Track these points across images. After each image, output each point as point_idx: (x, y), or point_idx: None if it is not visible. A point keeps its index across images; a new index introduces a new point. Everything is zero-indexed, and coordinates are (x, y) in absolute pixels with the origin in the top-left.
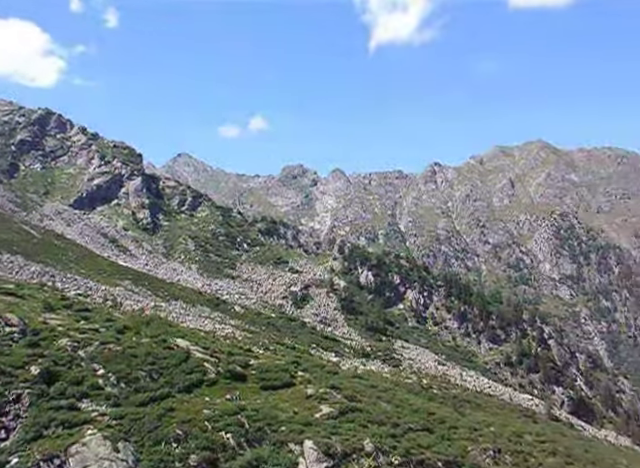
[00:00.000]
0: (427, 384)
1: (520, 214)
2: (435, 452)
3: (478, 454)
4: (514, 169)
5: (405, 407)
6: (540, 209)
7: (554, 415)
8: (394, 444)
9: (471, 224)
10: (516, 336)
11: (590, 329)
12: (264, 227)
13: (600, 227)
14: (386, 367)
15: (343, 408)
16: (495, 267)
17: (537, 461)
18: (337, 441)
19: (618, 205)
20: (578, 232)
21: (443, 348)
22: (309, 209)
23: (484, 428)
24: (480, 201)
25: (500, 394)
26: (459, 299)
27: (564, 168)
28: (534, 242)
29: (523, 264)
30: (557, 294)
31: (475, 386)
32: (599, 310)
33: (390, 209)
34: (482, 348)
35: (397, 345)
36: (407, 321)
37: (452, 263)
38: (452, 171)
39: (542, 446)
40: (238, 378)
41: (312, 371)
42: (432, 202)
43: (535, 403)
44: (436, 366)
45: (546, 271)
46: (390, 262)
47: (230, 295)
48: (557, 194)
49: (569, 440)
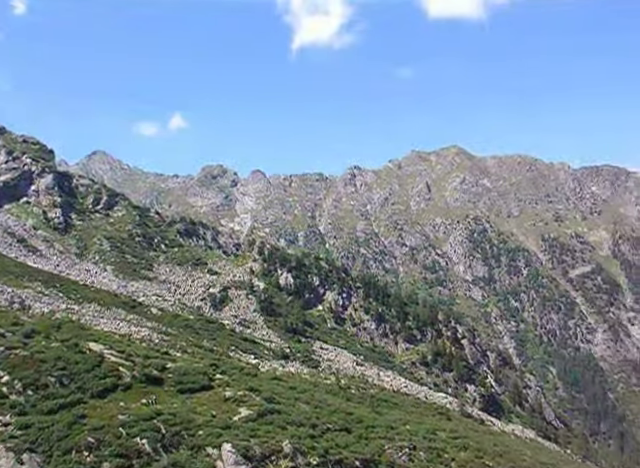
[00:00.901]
0: (345, 384)
1: (436, 217)
2: (353, 451)
3: (394, 452)
4: (431, 174)
5: (324, 408)
6: (455, 213)
7: (466, 412)
8: (313, 445)
9: (389, 227)
10: (431, 336)
11: (500, 328)
12: (183, 228)
13: (510, 231)
14: (305, 368)
15: (262, 410)
16: (412, 269)
17: (450, 456)
18: (256, 443)
19: (527, 210)
20: (490, 236)
21: (361, 349)
22: (229, 210)
23: (400, 426)
24: (398, 204)
25: (416, 393)
26: (377, 300)
27: (478, 174)
28: (449, 245)
29: (438, 266)
30: (470, 295)
31: (392, 385)
32: (509, 310)
33: (310, 211)
34: (399, 348)
35: (316, 346)
36: (326, 322)
37: (370, 265)
38: (371, 174)
39: (455, 442)
40: (154, 382)
41: (231, 374)
42: (351, 205)
43: (449, 401)
44: (354, 366)
45: (460, 273)
46: (310, 264)
47: (147, 297)
48: (471, 199)
49: (480, 435)
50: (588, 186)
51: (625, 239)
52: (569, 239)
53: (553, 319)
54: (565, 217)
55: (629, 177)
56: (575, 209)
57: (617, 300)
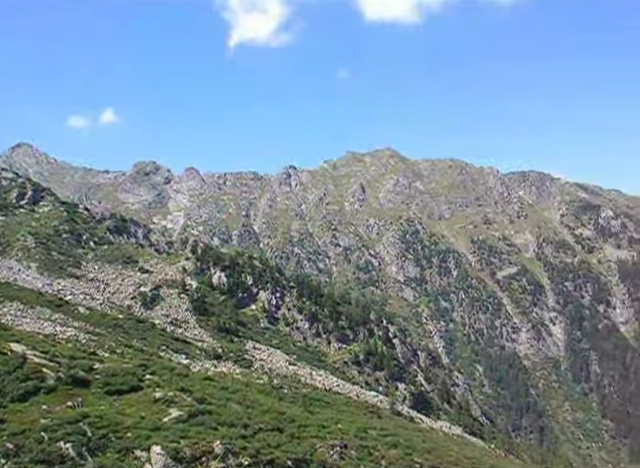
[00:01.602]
0: (278, 384)
1: (370, 218)
2: (285, 451)
3: (326, 451)
4: (365, 175)
5: (256, 408)
6: (388, 214)
7: (397, 410)
8: (244, 445)
9: (323, 227)
10: (364, 336)
11: (430, 328)
12: (113, 225)
13: (441, 233)
14: (238, 368)
15: (193, 411)
16: (345, 269)
17: (380, 454)
18: (186, 445)
19: (457, 213)
20: (422, 237)
21: (294, 348)
22: (161, 208)
23: (332, 425)
24: (332, 205)
25: (348, 392)
26: (310, 300)
27: (411, 176)
28: (382, 246)
29: (371, 266)
30: (402, 295)
31: (324, 385)
32: (439, 310)
33: (244, 210)
34: (332, 348)
35: (249, 346)
36: (259, 322)
37: (304, 265)
38: (306, 174)
39: (385, 440)
40: (81, 384)
41: (161, 374)
42: (286, 204)
43: (380, 399)
44: (287, 366)
45: (392, 273)
46: (243, 263)
47: (74, 296)
48: (404, 200)
49: (409, 432)
50: (515, 191)
51: (548, 242)
52: (497, 241)
53: (481, 319)
54: (493, 220)
55: (553, 183)
56: (503, 212)
57: (540, 301)
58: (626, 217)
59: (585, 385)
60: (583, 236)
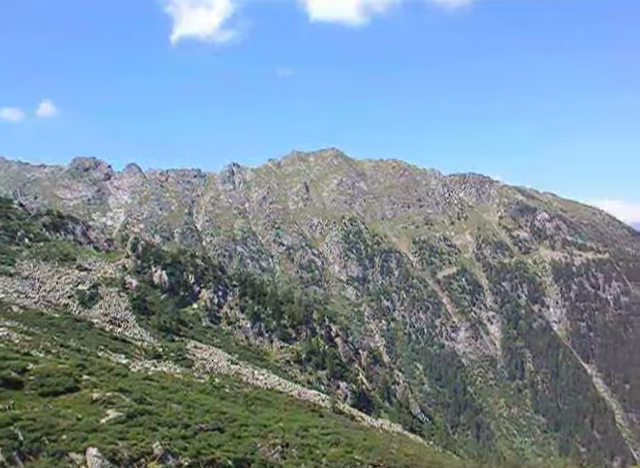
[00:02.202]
0: (219, 383)
1: (313, 218)
2: (225, 451)
3: (267, 450)
4: (309, 174)
5: (197, 407)
6: (331, 214)
7: (338, 408)
8: (184, 445)
9: (267, 226)
10: (306, 334)
11: (372, 327)
12: (49, 221)
13: (384, 233)
14: (178, 368)
15: (131, 412)
16: (288, 268)
17: (321, 452)
18: (124, 446)
19: (400, 213)
20: (365, 237)
21: (236, 347)
22: (101, 204)
23: (273, 424)
24: (276, 203)
25: (290, 391)
26: (253, 299)
27: (354, 176)
28: (325, 245)
29: (314, 266)
30: (344, 294)
31: (266, 384)
32: (380, 309)
33: (187, 207)
34: (274, 347)
35: (190, 345)
36: (201, 321)
37: (247, 263)
38: (250, 173)
39: (326, 438)
40: (13, 385)
41: (99, 374)
42: (230, 202)
43: (322, 398)
44: (229, 365)
45: (335, 273)
46: (185, 261)
47: (7, 294)
48: (347, 200)
49: (350, 430)
50: (456, 192)
51: (487, 243)
52: (438, 242)
53: (421, 318)
54: (434, 221)
55: (492, 185)
56: (444, 214)
57: (478, 300)
58: (560, 220)
59: (520, 382)
60: (520, 238)
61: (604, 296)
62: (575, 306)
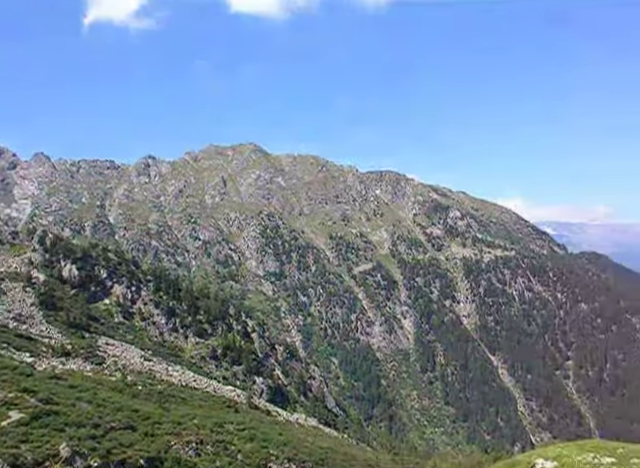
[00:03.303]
0: (132, 381)
1: (231, 212)
2: (137, 450)
3: (181, 447)
4: (227, 168)
5: (107, 406)
6: (249, 209)
7: (254, 404)
8: (94, 446)
9: (183, 220)
10: (222, 330)
11: (289, 322)
12: None
13: (301, 228)
14: (88, 365)
15: (36, 412)
16: (205, 263)
17: (237, 448)
18: (27, 449)
19: (317, 209)
20: (282, 232)
21: (150, 344)
22: (5, 194)
23: (188, 421)
24: (193, 197)
25: (205, 387)
26: (168, 294)
27: (272, 171)
28: (242, 240)
29: (231, 261)
30: (261, 290)
31: (181, 380)
32: (297, 305)
33: (99, 200)
34: (189, 342)
35: (101, 342)
36: (113, 317)
37: (162, 258)
38: (166, 165)
39: (242, 434)
40: None
41: (1, 374)
42: (144, 195)
43: (237, 394)
44: (142, 362)
45: (252, 268)
46: (97, 255)
47: None
48: (265, 195)
49: (266, 426)
50: (372, 190)
51: (402, 240)
52: (354, 238)
53: (337, 313)
54: (351, 217)
55: (407, 183)
56: (360, 210)
57: (393, 295)
58: (471, 218)
59: (431, 374)
60: (433, 235)
61: (510, 291)
62: (484, 301)
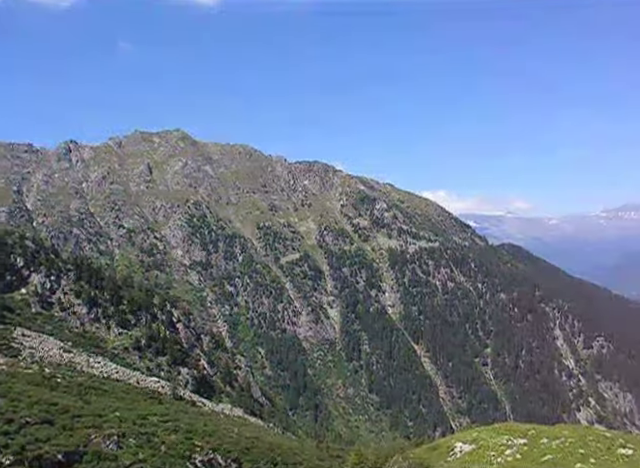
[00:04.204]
0: (50, 373)
1: (156, 200)
2: (55, 445)
3: (102, 441)
4: (153, 156)
5: (23, 400)
6: (176, 197)
7: (179, 395)
8: (6, 442)
9: (106, 207)
10: (146, 320)
11: (215, 312)
12: None
13: (228, 218)
14: (2, 358)
15: None
16: (129, 251)
17: (160, 440)
18: None
19: (245, 198)
20: (209, 221)
21: (70, 335)
22: None
23: (109, 414)
24: (117, 184)
25: (128, 378)
26: (89, 284)
27: (200, 159)
28: (168, 228)
29: (157, 249)
30: (187, 279)
31: (102, 372)
32: (223, 294)
33: (16, 185)
34: (112, 333)
35: (17, 333)
36: (30, 307)
37: (84, 246)
38: (89, 151)
39: (166, 425)
40: None
41: None
42: (65, 181)
43: (162, 385)
44: (61, 354)
45: (178, 257)
46: (13, 243)
47: None
48: (192, 183)
49: (191, 416)
50: (301, 180)
51: (329, 230)
52: (282, 228)
53: (264, 303)
54: (279, 207)
55: (335, 174)
56: (288, 200)
57: (320, 286)
58: (397, 210)
59: (356, 363)
60: (360, 226)
61: (433, 282)
62: (408, 291)
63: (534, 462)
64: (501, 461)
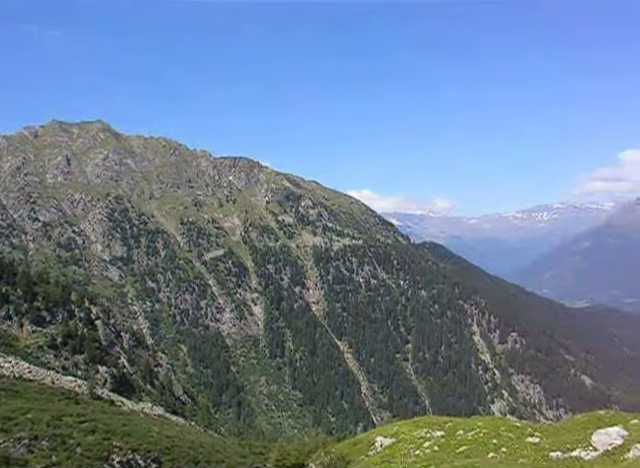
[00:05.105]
0: None
1: (75, 193)
2: None
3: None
4: (72, 147)
5: None
6: (96, 190)
7: (97, 394)
8: None
9: (20, 199)
10: (62, 317)
11: (136, 309)
12: None
13: (151, 212)
14: None
15: None
16: (45, 246)
17: (76, 441)
18: None
19: (168, 193)
20: (131, 216)
21: None
22: None
23: (20, 416)
24: (32, 176)
25: (41, 378)
26: (1, 279)
27: (122, 153)
28: (88, 223)
29: (75, 244)
30: (107, 275)
31: (14, 372)
32: (145, 291)
33: None
34: (25, 331)
35: None
36: None
37: None
38: (2, 140)
39: (82, 426)
40: None
41: None
42: None
43: (78, 384)
44: None
45: (98, 252)
46: None
47: None
48: (114, 177)
49: (109, 416)
50: (226, 175)
51: (254, 227)
52: (206, 224)
53: (187, 299)
54: (203, 203)
55: (261, 170)
56: (213, 196)
57: (244, 282)
58: (322, 207)
59: (280, 360)
60: (285, 222)
61: (357, 279)
62: (332, 288)
63: (450, 453)
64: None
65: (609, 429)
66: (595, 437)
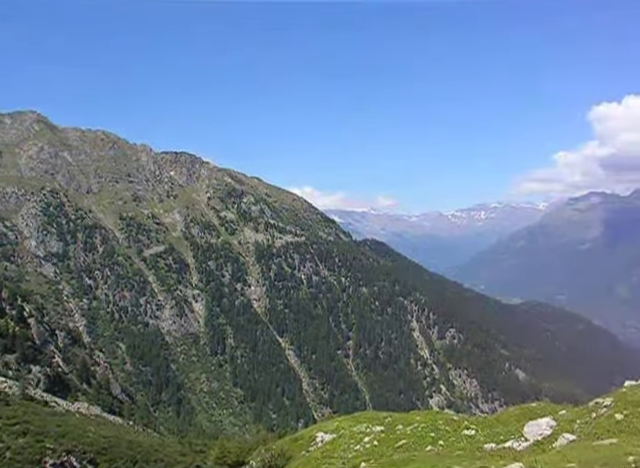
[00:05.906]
0: None
1: (7, 187)
2: None
3: None
4: (4, 138)
5: None
6: (30, 184)
7: (29, 395)
8: None
9: None
10: None
11: (72, 306)
12: None
13: (89, 207)
14: None
15: None
16: None
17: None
18: None
19: (107, 187)
20: (67, 210)
21: None
22: None
23: None
24: None
25: None
26: None
27: (58, 145)
28: (20, 217)
29: (7, 240)
30: (41, 272)
31: None
32: (82, 288)
33: None
34: None
35: None
36: None
37: None
38: None
39: (13, 428)
40: None
41: None
42: None
43: (9, 385)
44: None
45: (31, 248)
46: None
47: None
48: (49, 170)
49: (42, 418)
50: (167, 170)
51: (196, 223)
52: (146, 219)
53: (126, 296)
54: (143, 198)
55: (203, 166)
56: (153, 191)
57: (185, 279)
58: (264, 204)
59: (221, 357)
60: (227, 219)
61: (299, 276)
62: (274, 285)
63: (390, 447)
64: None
65: (539, 420)
66: (526, 428)
